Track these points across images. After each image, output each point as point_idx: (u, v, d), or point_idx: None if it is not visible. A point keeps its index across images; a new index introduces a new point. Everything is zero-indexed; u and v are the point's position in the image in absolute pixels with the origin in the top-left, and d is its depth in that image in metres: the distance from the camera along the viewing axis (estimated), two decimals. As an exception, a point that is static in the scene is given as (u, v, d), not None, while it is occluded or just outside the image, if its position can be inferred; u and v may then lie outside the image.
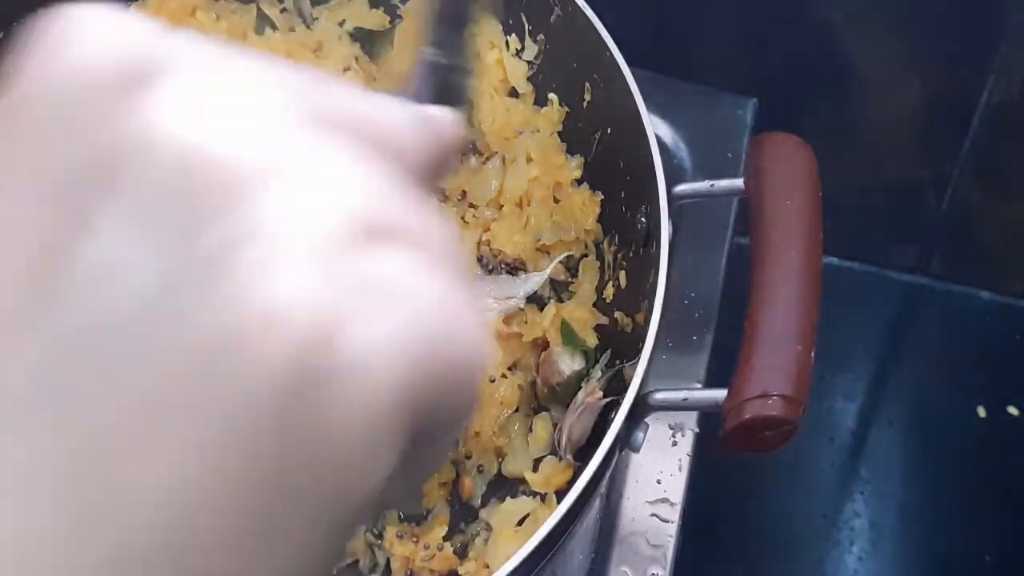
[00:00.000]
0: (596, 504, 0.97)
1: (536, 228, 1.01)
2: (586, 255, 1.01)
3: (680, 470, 1.04)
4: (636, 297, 0.94)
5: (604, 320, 0.95)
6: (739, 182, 0.92)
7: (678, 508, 1.02)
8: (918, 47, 1.34)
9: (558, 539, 0.81)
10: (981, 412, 1.49)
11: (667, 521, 1.01)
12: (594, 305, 0.97)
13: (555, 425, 0.92)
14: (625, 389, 0.85)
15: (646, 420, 0.85)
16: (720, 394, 0.80)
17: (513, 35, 1.08)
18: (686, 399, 0.84)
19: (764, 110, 1.23)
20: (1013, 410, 1.49)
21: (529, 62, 1.08)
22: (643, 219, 0.94)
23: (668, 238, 0.87)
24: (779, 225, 0.85)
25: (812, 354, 0.79)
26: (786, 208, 0.86)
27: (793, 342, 0.79)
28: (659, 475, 1.03)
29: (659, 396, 0.83)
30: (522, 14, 1.07)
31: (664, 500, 1.02)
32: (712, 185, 0.94)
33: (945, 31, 1.32)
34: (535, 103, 1.08)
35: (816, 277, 0.83)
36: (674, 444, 1.05)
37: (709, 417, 1.06)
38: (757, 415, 0.77)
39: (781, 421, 0.77)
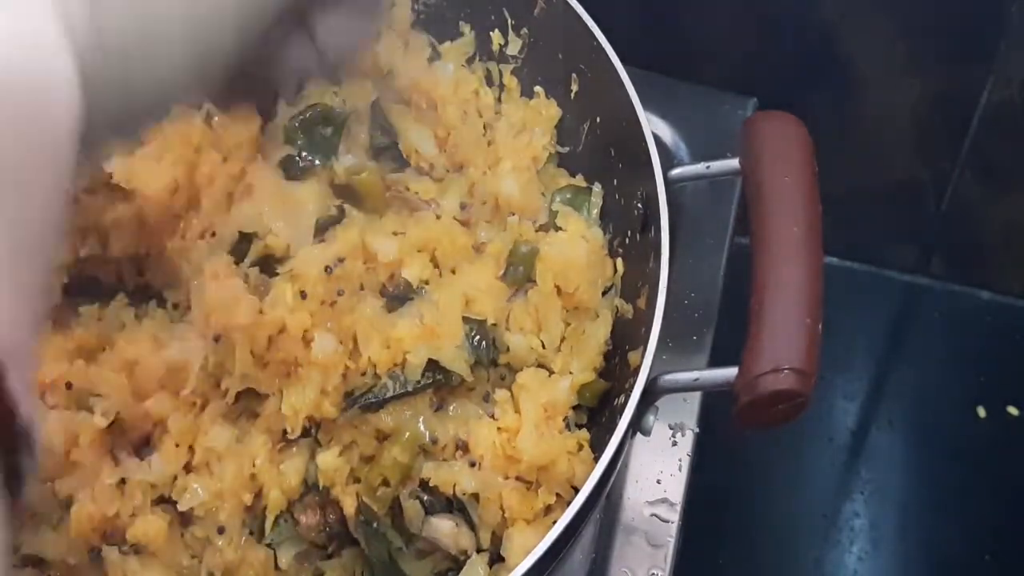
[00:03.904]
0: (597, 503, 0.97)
1: None
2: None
3: (680, 470, 1.04)
4: (635, 283, 0.94)
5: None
6: (735, 162, 0.92)
7: (678, 508, 1.02)
8: (918, 47, 1.34)
9: (577, 527, 0.81)
10: (981, 412, 1.49)
11: (667, 521, 1.01)
12: None
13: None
14: (629, 375, 0.86)
15: (656, 404, 0.85)
16: (731, 372, 0.80)
17: (496, 31, 1.08)
18: (697, 379, 0.83)
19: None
20: (1013, 410, 1.49)
21: (513, 56, 1.08)
22: (639, 205, 0.95)
23: (667, 220, 0.88)
24: (779, 202, 0.85)
25: (820, 326, 0.79)
26: (784, 185, 0.86)
27: (801, 315, 0.79)
28: (659, 475, 1.03)
29: (669, 378, 0.83)
30: (504, 9, 1.07)
31: (664, 500, 1.02)
32: (708, 167, 0.94)
33: (945, 31, 1.32)
34: (521, 96, 1.09)
35: (819, 250, 0.83)
36: (674, 444, 1.05)
37: (709, 415, 1.06)
38: (770, 390, 0.77)
39: (794, 394, 0.77)
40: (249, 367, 0.88)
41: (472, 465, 0.89)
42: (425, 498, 0.90)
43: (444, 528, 0.89)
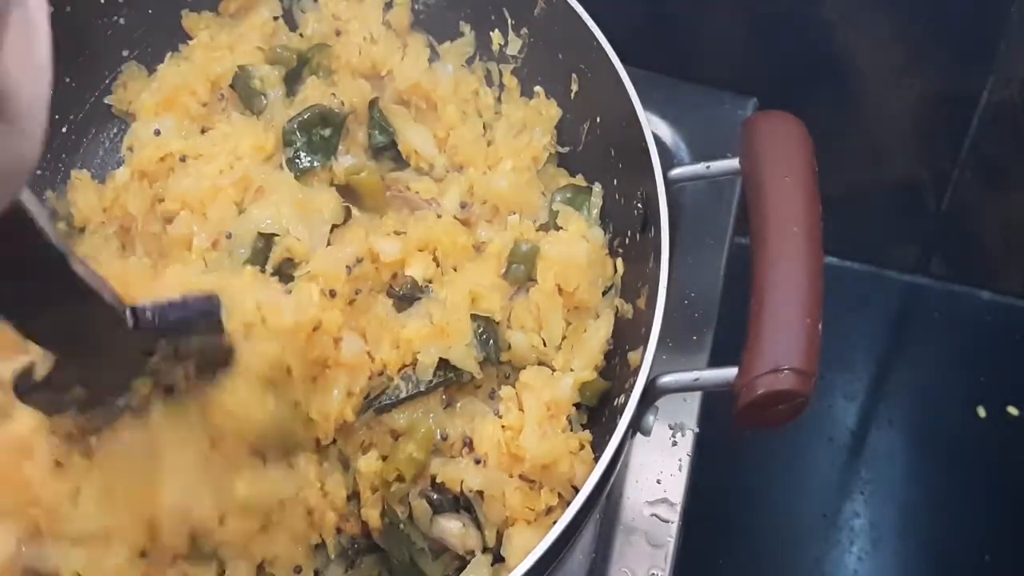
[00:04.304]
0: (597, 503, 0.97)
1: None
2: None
3: (680, 470, 1.04)
4: (635, 283, 0.94)
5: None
6: (735, 162, 0.92)
7: (678, 508, 1.02)
8: (918, 47, 1.34)
9: (577, 527, 0.81)
10: (981, 412, 1.49)
11: (667, 521, 1.01)
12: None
13: None
14: (630, 375, 0.86)
15: (656, 404, 0.85)
16: (731, 372, 0.80)
17: (496, 31, 1.08)
18: (697, 379, 0.84)
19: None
20: (1013, 410, 1.49)
21: (513, 56, 1.08)
22: (639, 205, 0.95)
23: (667, 220, 0.88)
24: (779, 201, 0.85)
25: (820, 326, 0.79)
26: (784, 185, 0.86)
27: (801, 315, 0.79)
28: (659, 475, 1.03)
29: (669, 378, 0.84)
30: (504, 9, 1.07)
31: (664, 500, 1.02)
32: (708, 167, 0.94)
33: (945, 31, 1.32)
34: (521, 96, 1.09)
35: (819, 251, 0.83)
36: (674, 444, 1.05)
37: (709, 415, 1.06)
38: (769, 390, 0.77)
39: (793, 395, 0.77)
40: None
41: (477, 462, 0.89)
42: (434, 497, 0.91)
43: (452, 528, 0.89)
